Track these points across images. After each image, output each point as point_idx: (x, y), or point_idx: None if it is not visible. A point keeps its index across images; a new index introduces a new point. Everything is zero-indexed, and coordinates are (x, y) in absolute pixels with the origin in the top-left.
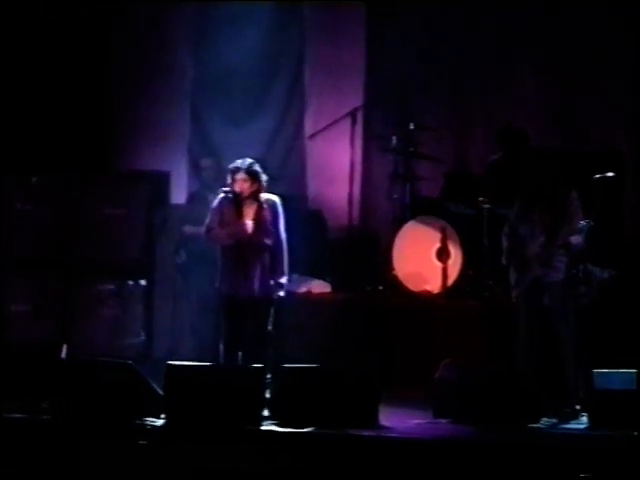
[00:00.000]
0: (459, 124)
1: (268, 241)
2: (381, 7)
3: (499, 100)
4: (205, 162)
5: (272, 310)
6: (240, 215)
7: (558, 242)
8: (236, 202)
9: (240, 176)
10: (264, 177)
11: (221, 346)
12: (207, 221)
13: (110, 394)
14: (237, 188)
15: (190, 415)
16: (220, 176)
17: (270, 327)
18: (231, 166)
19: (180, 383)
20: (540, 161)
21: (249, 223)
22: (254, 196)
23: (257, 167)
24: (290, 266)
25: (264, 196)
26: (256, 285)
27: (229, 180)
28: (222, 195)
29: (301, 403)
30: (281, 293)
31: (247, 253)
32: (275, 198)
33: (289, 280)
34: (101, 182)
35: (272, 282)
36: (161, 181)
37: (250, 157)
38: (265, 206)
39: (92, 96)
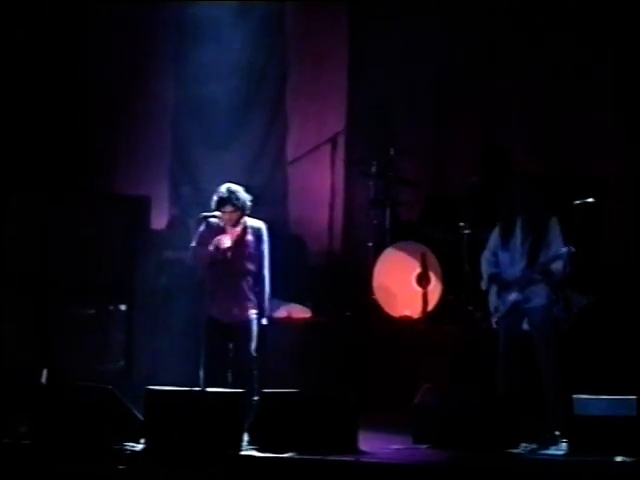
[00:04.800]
0: (440, 149)
1: (251, 266)
2: (364, 32)
3: (481, 124)
4: (184, 189)
5: (255, 334)
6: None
7: (537, 267)
8: (219, 227)
9: (228, 209)
10: (249, 203)
11: (201, 371)
12: (193, 242)
13: (90, 419)
14: (226, 218)
15: (170, 440)
16: (199, 202)
17: (254, 352)
18: (216, 197)
19: (160, 408)
20: (520, 186)
21: (224, 238)
22: (238, 221)
23: (242, 194)
24: (271, 291)
25: (250, 221)
26: (239, 310)
27: (213, 209)
28: (208, 220)
29: (281, 428)
30: (264, 321)
31: (230, 277)
32: (261, 224)
33: (269, 308)
34: (81, 205)
35: (254, 311)
36: (141, 205)
37: (233, 182)
38: (249, 231)
39: (73, 118)
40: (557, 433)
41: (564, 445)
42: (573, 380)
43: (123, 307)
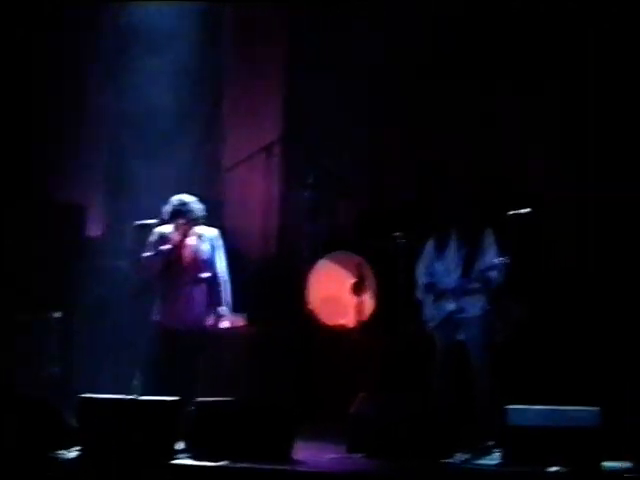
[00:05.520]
0: (376, 160)
1: (205, 274)
2: (302, 41)
3: (417, 136)
4: (121, 197)
5: (206, 343)
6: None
7: (473, 276)
8: (171, 236)
9: (181, 221)
10: (201, 213)
11: (136, 379)
12: (144, 253)
13: (23, 427)
14: (179, 229)
15: (104, 448)
16: (136, 210)
17: (200, 361)
18: (170, 208)
19: (94, 416)
20: (455, 198)
21: (168, 247)
22: (191, 230)
23: (194, 205)
24: (229, 300)
25: (202, 229)
26: (192, 319)
27: (166, 218)
28: (158, 229)
29: (216, 437)
30: (224, 324)
31: (184, 285)
32: (214, 231)
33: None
34: (17, 213)
35: (213, 314)
36: (76, 213)
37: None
38: (204, 239)
39: (10, 127)
40: (491, 443)
41: (498, 455)
42: (508, 390)
43: (58, 314)
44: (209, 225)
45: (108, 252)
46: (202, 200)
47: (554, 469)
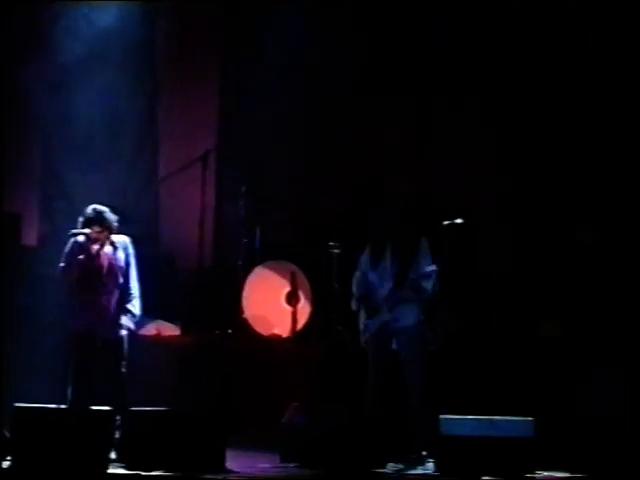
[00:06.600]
0: (311, 168)
1: (121, 281)
2: (237, 52)
3: (352, 147)
4: (58, 205)
5: (126, 351)
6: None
7: (406, 284)
8: (88, 245)
9: (95, 229)
10: (115, 221)
11: (69, 388)
12: (61, 263)
13: None
14: (93, 237)
15: (37, 457)
16: (73, 218)
17: (124, 369)
18: (82, 218)
19: (27, 425)
20: (389, 210)
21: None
22: (107, 239)
23: (107, 214)
24: (140, 307)
25: (115, 237)
26: (109, 325)
27: (80, 227)
28: (73, 239)
29: (148, 446)
30: (131, 325)
31: (100, 293)
32: (126, 238)
33: (140, 317)
34: None
35: (122, 316)
36: (11, 222)
37: (101, 202)
38: (118, 246)
39: None
40: (424, 453)
41: (431, 465)
42: (441, 400)
43: None
44: (130, 235)
45: (44, 260)
46: (137, 209)
47: (488, 479)
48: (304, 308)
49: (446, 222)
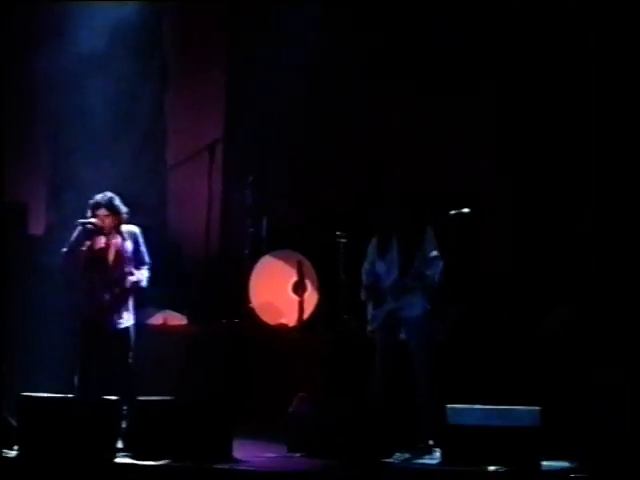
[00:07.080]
0: (317, 157)
1: (128, 270)
2: (243, 41)
3: (358, 137)
4: (67, 195)
5: (133, 341)
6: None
7: (411, 272)
8: (96, 234)
9: (101, 212)
10: (124, 210)
11: (76, 378)
12: (65, 247)
13: None
14: (99, 223)
15: (44, 447)
16: (82, 208)
17: (131, 359)
18: (92, 201)
19: (34, 415)
20: (394, 202)
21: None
22: (115, 229)
23: (117, 201)
24: (146, 297)
25: (124, 227)
26: (118, 316)
27: (89, 214)
28: (81, 227)
29: (155, 435)
30: (142, 278)
31: (107, 283)
32: (135, 228)
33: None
34: None
35: (132, 317)
36: (18, 211)
37: (109, 191)
38: (126, 237)
39: None
40: (431, 442)
41: (438, 454)
42: (448, 390)
43: None
44: (138, 223)
45: (51, 250)
46: (144, 198)
47: (494, 468)
48: (311, 297)
49: (453, 211)
